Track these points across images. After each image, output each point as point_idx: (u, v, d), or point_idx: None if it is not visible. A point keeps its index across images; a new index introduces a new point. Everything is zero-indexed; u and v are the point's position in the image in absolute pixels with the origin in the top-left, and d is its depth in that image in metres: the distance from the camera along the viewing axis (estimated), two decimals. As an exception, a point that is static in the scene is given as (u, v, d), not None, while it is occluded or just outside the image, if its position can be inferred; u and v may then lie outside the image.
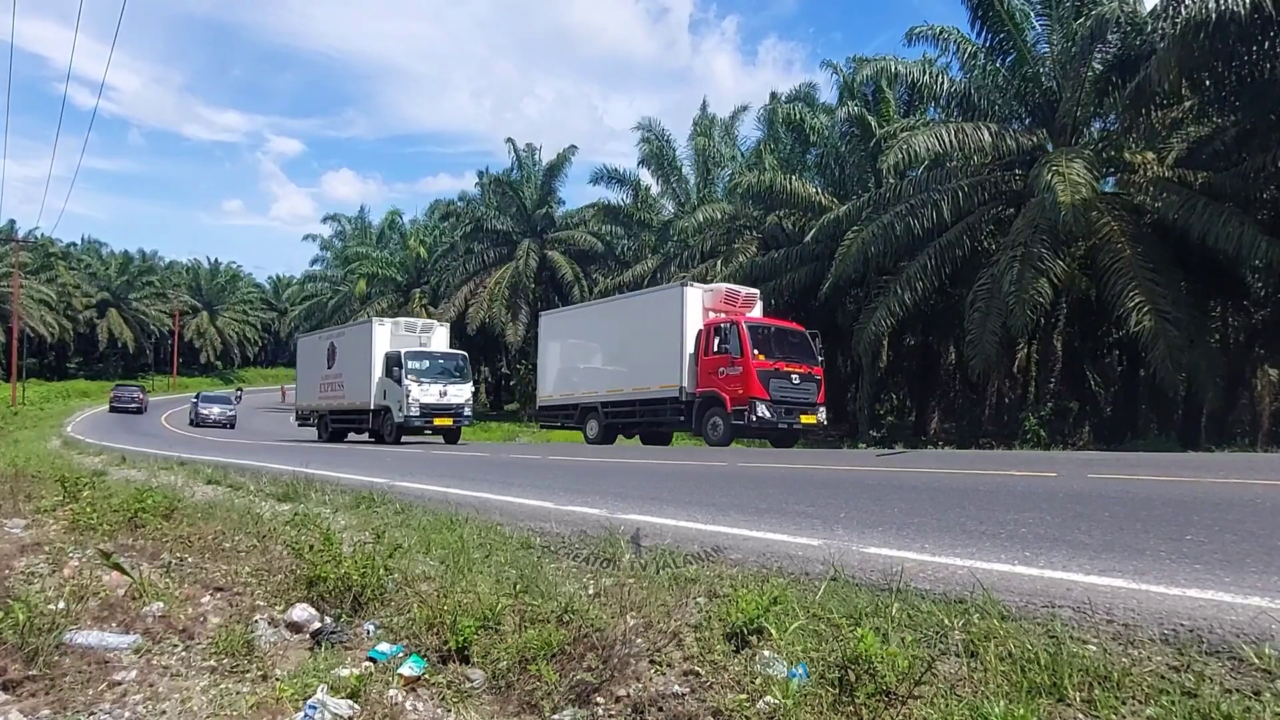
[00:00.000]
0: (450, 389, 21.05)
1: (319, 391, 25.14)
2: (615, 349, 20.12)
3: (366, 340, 22.22)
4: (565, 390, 21.52)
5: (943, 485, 7.68)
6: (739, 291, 18.60)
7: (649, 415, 18.86)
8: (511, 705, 2.76)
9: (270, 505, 7.02)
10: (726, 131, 33.88)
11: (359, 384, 22.41)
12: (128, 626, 3.49)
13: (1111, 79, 17.96)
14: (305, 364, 27.33)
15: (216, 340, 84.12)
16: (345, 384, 23.43)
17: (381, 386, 21.39)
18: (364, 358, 22.21)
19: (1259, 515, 5.10)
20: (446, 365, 21.83)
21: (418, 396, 20.36)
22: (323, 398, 24.94)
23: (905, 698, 2.37)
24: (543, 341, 23.40)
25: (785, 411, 16.45)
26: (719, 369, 16.81)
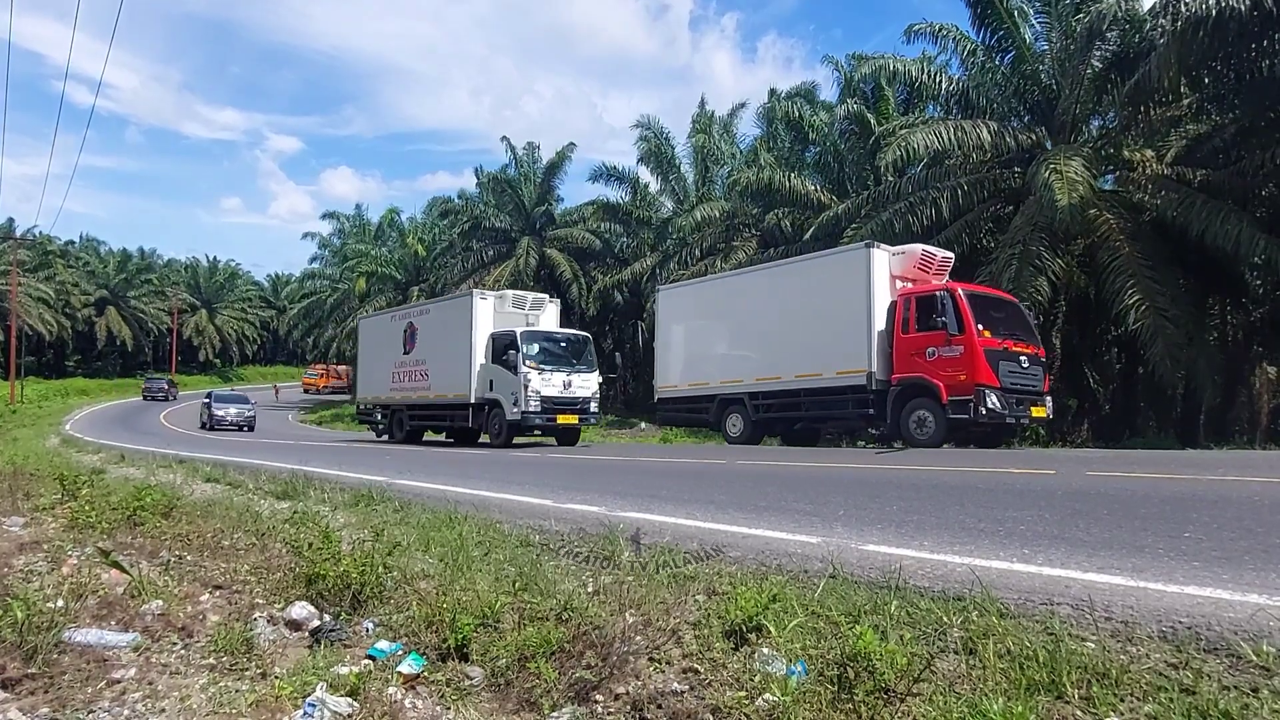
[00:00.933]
0: (575, 379, 17.19)
1: (391, 382, 21.29)
2: (766, 328, 16.34)
3: (464, 318, 18.16)
4: (696, 379, 18.01)
5: (941, 483, 7.69)
6: (934, 255, 15.15)
7: (818, 409, 15.60)
8: (510, 703, 2.76)
9: (269, 503, 7.02)
10: (725, 129, 33.86)
11: (452, 373, 18.49)
12: (127, 624, 3.49)
13: (1110, 77, 17.95)
14: (370, 350, 23.52)
15: (215, 338, 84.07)
16: (431, 372, 19.53)
17: (486, 376, 17.59)
18: (460, 340, 18.20)
19: (1257, 513, 5.11)
20: (570, 349, 18.02)
21: (538, 388, 16.56)
22: (396, 389, 21.06)
23: (904, 695, 2.37)
24: (663, 321, 19.67)
25: (1016, 402, 13.30)
26: (927, 350, 13.56)
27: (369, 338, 24.04)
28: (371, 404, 22.83)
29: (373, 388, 22.79)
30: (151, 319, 77.67)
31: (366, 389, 23.35)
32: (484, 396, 17.61)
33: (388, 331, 22.03)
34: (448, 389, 18.81)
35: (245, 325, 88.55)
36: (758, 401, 16.43)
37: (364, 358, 24.26)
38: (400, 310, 24.23)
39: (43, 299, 63.54)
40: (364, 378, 23.84)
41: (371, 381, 22.91)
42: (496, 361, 17.32)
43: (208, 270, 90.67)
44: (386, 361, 21.58)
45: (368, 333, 24.50)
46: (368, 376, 23.37)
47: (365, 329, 24.92)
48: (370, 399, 22.94)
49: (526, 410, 16.48)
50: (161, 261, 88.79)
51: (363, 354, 24.44)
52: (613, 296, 35.57)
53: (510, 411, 16.75)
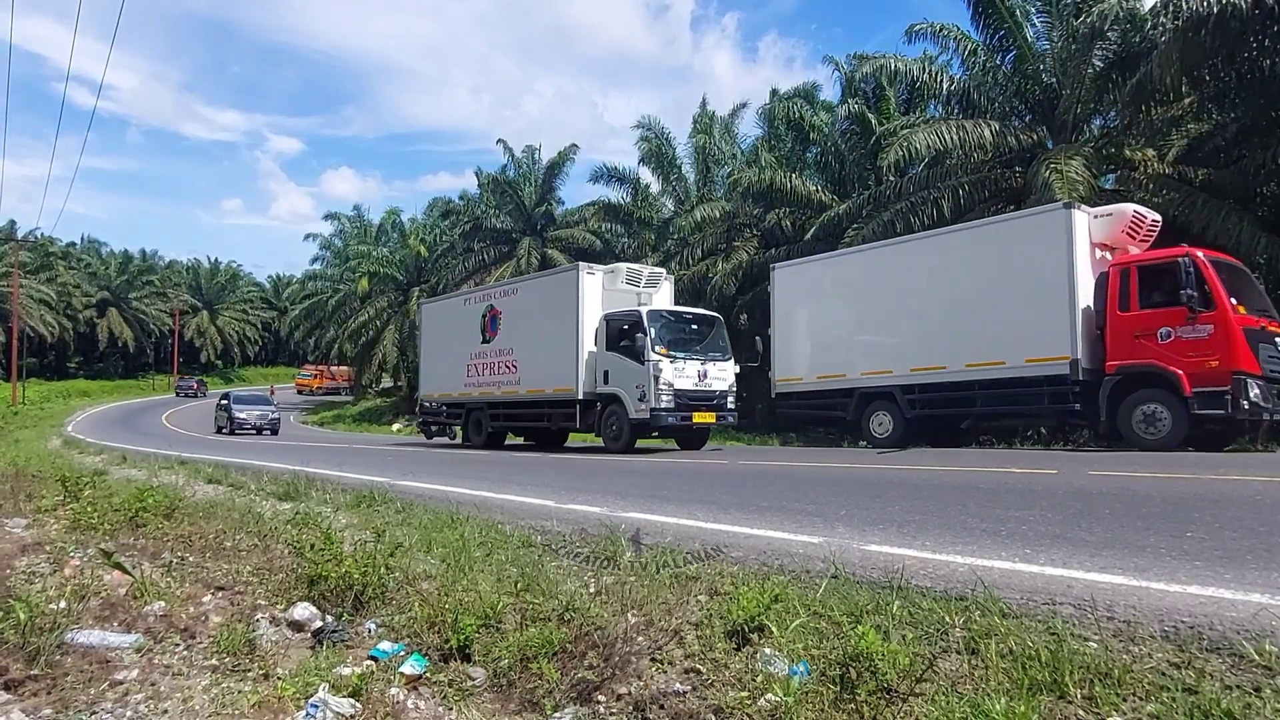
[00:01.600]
0: (711, 369, 14.54)
1: (465, 377, 18.38)
2: (926, 308, 14.06)
3: (567, 298, 15.49)
4: (828, 370, 15.53)
5: (943, 483, 7.69)
6: (1144, 216, 12.77)
7: (996, 403, 13.22)
8: (513, 703, 2.76)
9: (271, 504, 7.03)
10: (726, 129, 33.82)
11: (550, 364, 15.84)
12: (129, 626, 3.49)
13: (1111, 76, 17.94)
14: (436, 339, 20.45)
15: (217, 339, 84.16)
16: (521, 364, 16.75)
17: (598, 366, 14.93)
18: (562, 324, 15.49)
19: (1259, 512, 5.10)
20: (702, 332, 15.21)
21: (670, 379, 13.74)
22: (474, 385, 18.17)
23: (906, 695, 2.37)
24: (781, 305, 16.99)
25: (1277, 394, 11.13)
26: (1159, 331, 11.24)
27: (434, 325, 20.84)
28: (438, 402, 20.12)
29: (439, 383, 19.81)
30: (153, 320, 77.77)
31: (431, 384, 20.34)
32: (595, 391, 14.91)
33: (460, 317, 19.03)
34: (544, 383, 16.05)
35: (247, 326, 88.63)
36: (913, 396, 13.98)
37: (428, 348, 20.92)
38: (476, 291, 20.68)
39: (44, 301, 63.63)
40: (427, 372, 20.68)
41: (437, 376, 19.94)
42: (613, 349, 14.54)
43: (209, 271, 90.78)
44: (459, 352, 18.69)
45: (432, 319, 21.05)
46: (432, 370, 20.35)
47: (429, 315, 21.40)
48: (436, 397, 20.13)
49: (657, 407, 13.64)
50: (163, 263, 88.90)
51: (426, 344, 21.10)
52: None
53: (634, 409, 13.95)
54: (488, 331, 17.99)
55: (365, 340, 44.76)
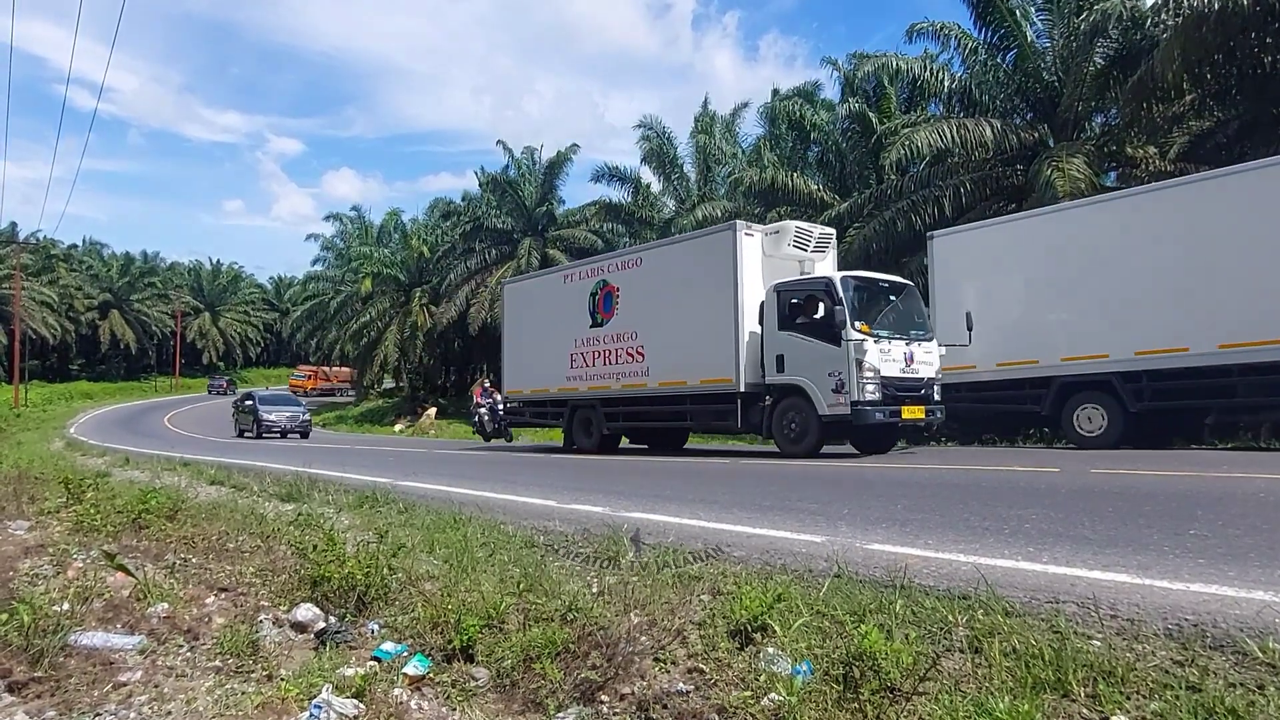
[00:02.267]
0: (917, 350, 11.62)
1: (569, 368, 15.41)
2: (1154, 279, 11.69)
3: (721, 265, 12.47)
4: (1011, 355, 13.05)
5: (945, 481, 7.68)
6: None
7: (1266, 392, 10.58)
8: (516, 704, 2.77)
9: (274, 506, 7.03)
10: (727, 128, 33.83)
11: (696, 348, 12.91)
12: (132, 627, 3.49)
13: (1113, 73, 17.93)
14: (523, 326, 17.30)
15: (219, 341, 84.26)
16: (649, 350, 13.87)
17: (766, 350, 11.97)
18: (715, 297, 12.57)
19: (1262, 509, 5.10)
20: (900, 303, 12.14)
21: (876, 364, 10.94)
22: (580, 378, 15.20)
23: (910, 694, 2.37)
24: (940, 283, 14.51)
25: None
26: None
27: (521, 309, 17.66)
28: (528, 400, 17.10)
29: (529, 376, 16.78)
30: (155, 322, 77.89)
31: (519, 379, 17.20)
32: (763, 381, 12.06)
33: (558, 297, 16.08)
34: (685, 373, 13.19)
35: (248, 328, 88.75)
36: (1138, 385, 11.68)
37: (513, 337, 17.67)
38: (580, 265, 16.97)
39: (46, 303, 63.74)
40: (513, 364, 17.49)
41: (526, 368, 16.91)
42: (788, 328, 11.70)
43: (210, 273, 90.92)
44: (558, 340, 15.74)
45: (519, 303, 17.88)
46: (520, 363, 17.23)
47: (514, 297, 18.18)
48: (527, 393, 16.97)
49: (860, 400, 10.78)
50: (164, 264, 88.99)
51: (510, 332, 17.88)
52: (615, 297, 35.53)
53: (826, 403, 11.06)
54: (599, 313, 14.87)
55: (367, 341, 44.75)
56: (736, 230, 12.46)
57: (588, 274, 15.57)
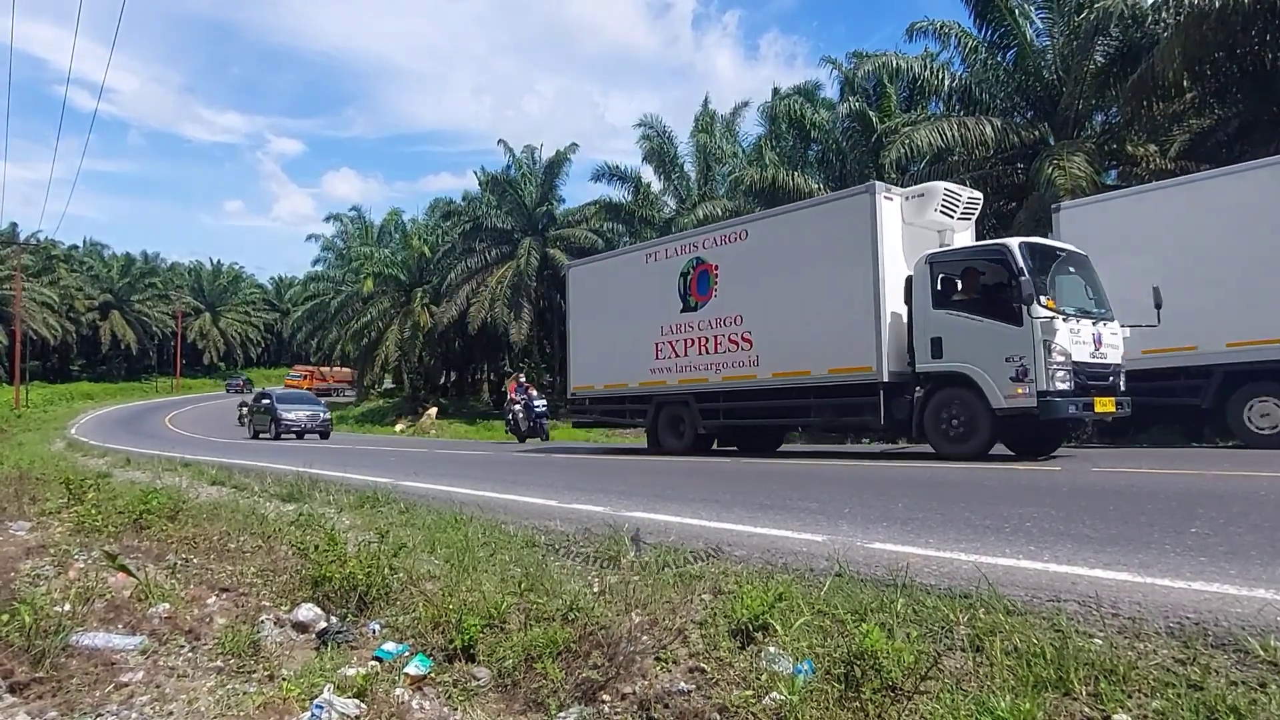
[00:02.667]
0: (1104, 331, 9.97)
1: (653, 359, 13.79)
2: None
3: (857, 234, 10.90)
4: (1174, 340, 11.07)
5: (946, 480, 7.68)
6: None
7: None
8: (517, 703, 2.76)
9: (275, 506, 7.03)
10: (728, 128, 33.84)
11: (824, 332, 11.28)
12: (134, 628, 3.49)
13: (1113, 71, 17.94)
14: (594, 314, 15.63)
15: (219, 341, 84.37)
16: (760, 336, 12.25)
17: (918, 332, 10.34)
18: (848, 272, 10.99)
19: (1263, 508, 5.09)
20: (1081, 278, 10.35)
21: (1066, 346, 9.29)
22: (667, 369, 13.59)
23: (911, 693, 2.37)
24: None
25: None
26: None
27: (590, 296, 15.82)
28: (600, 396, 15.26)
29: (602, 370, 15.05)
30: (155, 322, 77.96)
31: (587, 373, 15.39)
32: (911, 370, 10.45)
33: (638, 280, 14.41)
34: (810, 361, 11.45)
35: (249, 328, 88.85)
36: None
37: (580, 326, 15.90)
38: (665, 242, 14.68)
39: (47, 303, 63.80)
40: (581, 358, 15.69)
41: (598, 362, 15.17)
42: (948, 305, 10.18)
43: (211, 273, 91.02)
44: (639, 328, 14.10)
45: (587, 288, 15.99)
46: (589, 355, 15.47)
47: (582, 283, 16.18)
48: (599, 389, 15.13)
49: (1049, 390, 9.09)
50: (165, 265, 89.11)
51: (576, 321, 16.03)
52: (616, 296, 35.55)
53: (1002, 394, 9.35)
54: (692, 295, 13.25)
55: (368, 341, 44.77)
56: (875, 193, 10.76)
57: (677, 251, 13.74)
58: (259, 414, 28.05)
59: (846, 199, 11.67)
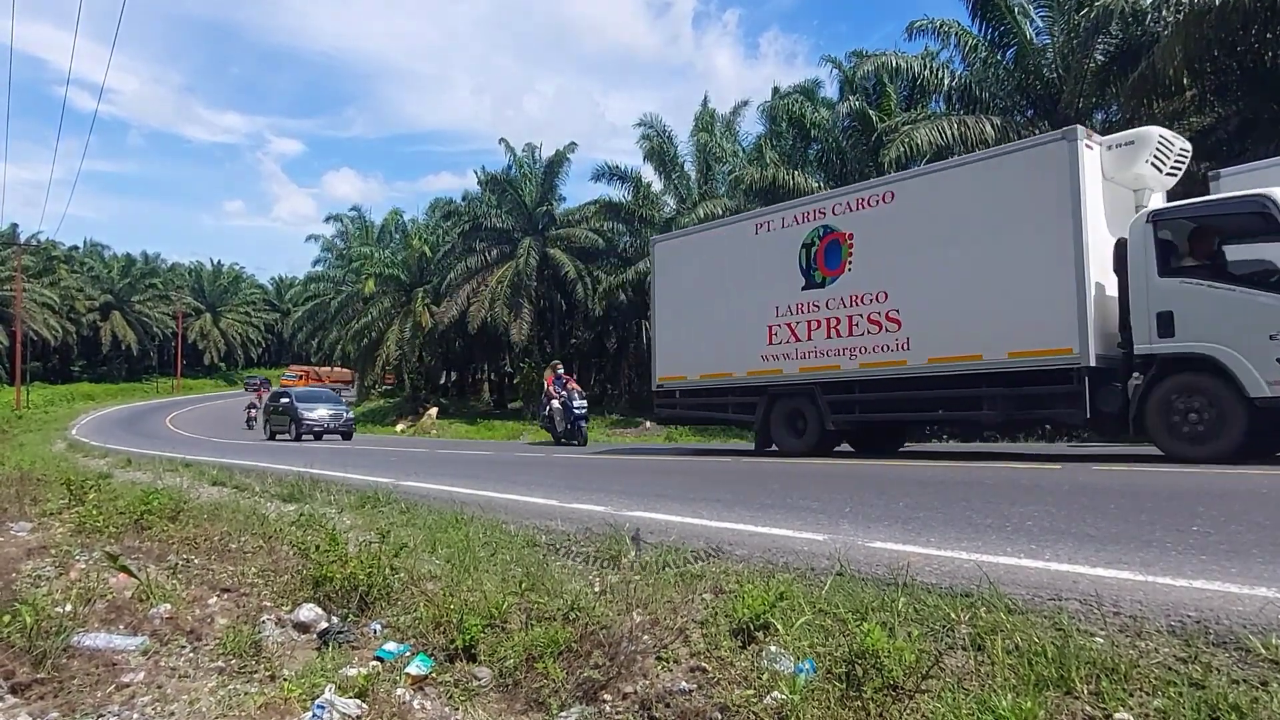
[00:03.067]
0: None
1: (765, 344, 12.06)
2: None
3: (1051, 192, 9.29)
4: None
5: (947, 479, 7.67)
6: None
7: None
8: (519, 703, 2.77)
9: (276, 506, 7.03)
10: (728, 127, 33.85)
11: (1002, 308, 9.69)
12: (135, 628, 3.50)
13: (1113, 70, 17.93)
14: (689, 292, 13.64)
15: (220, 342, 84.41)
16: (910, 314, 10.57)
17: (1139, 306, 8.67)
18: (1035, 236, 9.44)
19: (1265, 506, 5.09)
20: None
21: None
22: (784, 355, 11.82)
23: (913, 692, 2.37)
24: None
25: None
26: None
27: (681, 273, 13.94)
28: (694, 389, 13.47)
29: (693, 358, 13.31)
30: (156, 323, 77.97)
31: (677, 362, 13.63)
32: (1125, 351, 8.90)
33: (745, 252, 12.65)
34: (983, 344, 9.83)
35: (249, 328, 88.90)
36: None
37: (668, 309, 14.08)
38: (783, 210, 12.59)
39: (47, 304, 63.80)
40: (669, 344, 13.95)
41: (687, 349, 13.46)
42: (1183, 273, 8.45)
43: (211, 274, 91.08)
44: (746, 308, 12.39)
45: (677, 264, 14.12)
46: (676, 340, 13.78)
47: (669, 257, 14.35)
48: (695, 379, 13.35)
49: None
50: (165, 265, 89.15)
51: (664, 304, 14.20)
52: (616, 296, 35.57)
53: (1265, 380, 7.68)
54: (819, 269, 11.49)
55: (368, 341, 44.78)
56: (1077, 140, 9.11)
57: (797, 219, 11.91)
58: (277, 414, 26.59)
59: (1034, 149, 9.90)
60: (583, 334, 43.97)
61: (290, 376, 65.78)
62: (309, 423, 24.69)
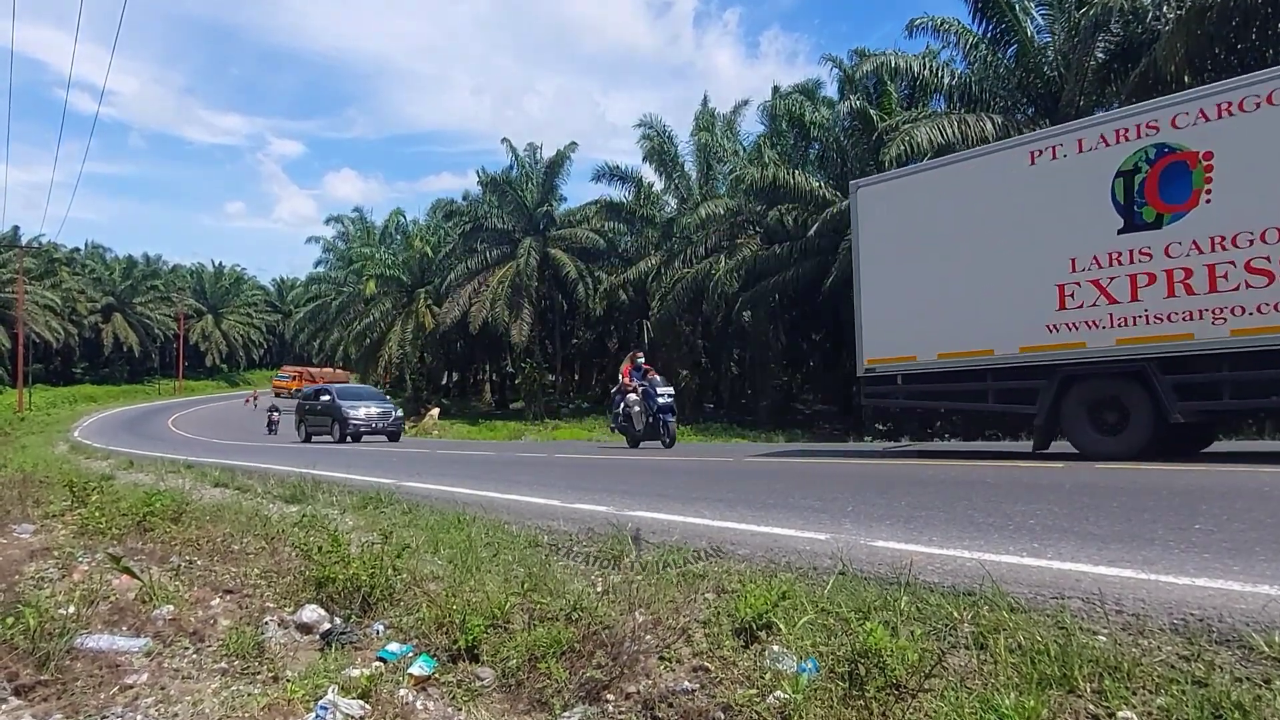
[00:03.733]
0: None
1: (1056, 306, 9.29)
2: None
3: None
4: None
5: (949, 478, 7.67)
6: None
7: None
8: (522, 703, 2.77)
9: (278, 507, 7.04)
10: (728, 126, 33.85)
11: None
12: (138, 630, 3.50)
13: (1114, 67, 17.94)
14: (922, 246, 10.66)
15: (221, 343, 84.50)
16: None
17: None
18: None
19: (1267, 503, 5.08)
20: None
21: None
22: (1090, 321, 9.02)
23: (915, 691, 2.37)
24: None
25: None
26: None
27: (897, 223, 11.02)
28: (924, 371, 10.44)
29: (924, 333, 10.43)
30: (158, 325, 78.03)
31: (893, 338, 10.83)
32: None
33: (1009, 191, 9.79)
34: None
35: (251, 330, 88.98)
36: None
37: (879, 269, 11.16)
38: (1078, 129, 9.53)
39: (49, 306, 63.84)
40: (880, 315, 11.05)
41: (918, 322, 10.53)
42: None
43: (213, 275, 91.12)
44: (1017, 263, 9.66)
45: (890, 214, 11.15)
46: (894, 311, 10.86)
47: (877, 205, 11.33)
48: (925, 360, 10.42)
49: None
50: (167, 267, 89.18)
51: (871, 263, 11.26)
52: (618, 296, 35.59)
53: None
54: (1151, 203, 8.69)
55: (370, 342, 44.84)
56: None
57: (1109, 139, 9.02)
58: (315, 414, 24.01)
59: None
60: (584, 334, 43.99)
61: (283, 378, 65.21)
62: (356, 423, 22.29)
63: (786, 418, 28.08)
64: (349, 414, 22.28)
